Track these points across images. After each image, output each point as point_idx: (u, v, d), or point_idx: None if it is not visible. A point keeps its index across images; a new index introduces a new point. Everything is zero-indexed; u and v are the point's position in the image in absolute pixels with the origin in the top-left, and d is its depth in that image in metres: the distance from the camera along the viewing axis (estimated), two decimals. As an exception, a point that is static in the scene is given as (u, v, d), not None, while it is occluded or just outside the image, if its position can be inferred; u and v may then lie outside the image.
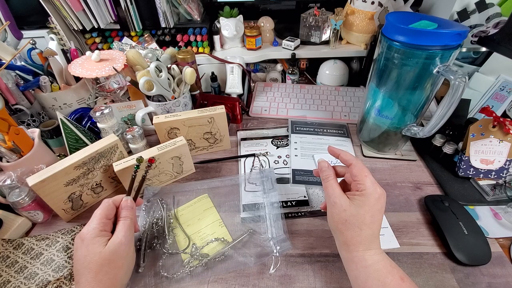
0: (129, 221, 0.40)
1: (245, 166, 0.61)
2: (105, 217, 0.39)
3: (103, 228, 0.38)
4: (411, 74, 0.49)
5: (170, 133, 0.59)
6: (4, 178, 0.47)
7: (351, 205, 0.37)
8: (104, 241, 0.37)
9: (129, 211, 0.42)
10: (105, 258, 0.36)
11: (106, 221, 0.39)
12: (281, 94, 0.81)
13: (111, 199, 0.42)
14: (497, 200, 0.52)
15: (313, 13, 0.78)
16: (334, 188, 0.40)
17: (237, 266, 0.44)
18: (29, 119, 0.61)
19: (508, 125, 0.51)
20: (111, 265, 0.36)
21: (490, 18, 0.64)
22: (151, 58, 0.70)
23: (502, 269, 0.43)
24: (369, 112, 0.59)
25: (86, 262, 0.36)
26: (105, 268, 0.36)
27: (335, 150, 0.43)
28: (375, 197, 0.37)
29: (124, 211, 0.41)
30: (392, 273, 0.35)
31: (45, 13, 0.72)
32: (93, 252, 0.36)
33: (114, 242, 0.37)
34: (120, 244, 0.37)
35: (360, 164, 0.40)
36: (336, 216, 0.38)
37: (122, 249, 0.38)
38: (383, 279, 0.35)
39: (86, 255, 0.36)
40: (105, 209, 0.40)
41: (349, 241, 0.38)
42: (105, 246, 0.37)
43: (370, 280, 0.35)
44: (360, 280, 0.36)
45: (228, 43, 0.86)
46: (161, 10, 0.76)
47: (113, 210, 0.41)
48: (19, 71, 0.63)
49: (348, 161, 0.41)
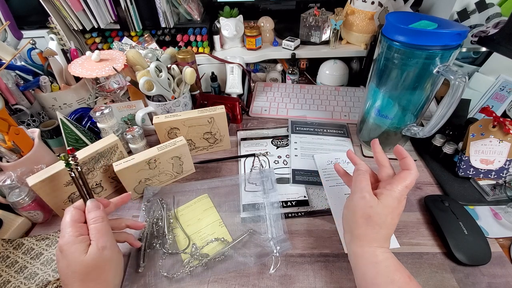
0: (99, 222, 0.37)
1: (245, 166, 0.61)
2: (76, 221, 0.37)
3: (79, 232, 0.36)
4: (411, 74, 0.49)
5: (170, 133, 0.59)
6: (4, 178, 0.47)
7: (379, 204, 0.38)
8: (83, 247, 0.35)
9: (95, 211, 0.38)
10: (88, 266, 0.35)
11: (79, 225, 0.37)
12: (281, 94, 0.81)
13: (71, 205, 0.39)
14: (497, 200, 0.52)
15: (313, 13, 0.78)
16: (368, 182, 0.41)
17: (237, 266, 0.44)
18: (29, 119, 0.61)
19: (508, 125, 0.51)
20: (97, 270, 0.35)
21: (490, 18, 0.64)
22: (151, 58, 0.70)
23: (502, 269, 0.43)
24: (369, 112, 0.59)
25: (70, 272, 0.35)
26: (91, 275, 0.35)
27: (402, 152, 0.43)
28: (399, 200, 0.39)
29: (91, 214, 0.38)
30: (400, 271, 0.36)
31: (45, 13, 0.72)
32: (75, 262, 0.34)
33: (93, 250, 0.35)
34: (101, 249, 0.36)
35: (412, 176, 0.40)
36: (360, 210, 0.39)
37: (105, 253, 0.36)
38: (392, 276, 0.35)
39: (68, 265, 0.35)
40: (71, 214, 0.37)
41: (364, 237, 0.38)
42: (86, 253, 0.35)
43: (380, 276, 0.35)
44: (369, 277, 0.36)
45: (228, 43, 0.86)
46: (161, 10, 0.76)
47: (80, 214, 0.38)
48: (19, 71, 0.63)
49: (408, 166, 0.41)
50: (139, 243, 0.45)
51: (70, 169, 0.41)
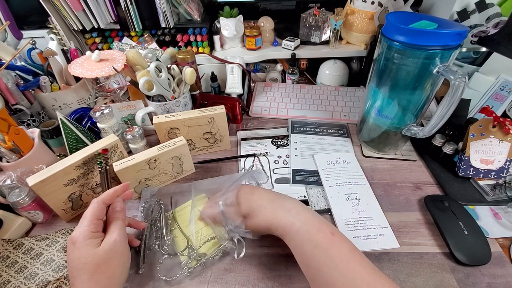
0: (121, 221, 0.40)
1: (245, 166, 0.61)
2: (96, 218, 0.38)
3: (95, 229, 0.37)
4: (411, 74, 0.49)
5: (170, 133, 0.59)
6: (4, 178, 0.47)
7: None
8: (97, 242, 0.36)
9: (121, 212, 0.41)
10: (100, 258, 0.35)
11: (97, 222, 0.38)
12: (281, 94, 0.81)
13: (100, 199, 0.40)
14: (497, 200, 0.52)
15: (313, 13, 0.78)
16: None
17: (235, 264, 0.44)
18: (29, 119, 0.61)
19: (508, 125, 0.51)
20: (107, 264, 0.36)
21: (490, 18, 0.64)
22: (151, 58, 0.70)
23: (502, 269, 0.43)
24: (369, 112, 0.59)
25: (80, 264, 0.35)
26: (101, 268, 0.35)
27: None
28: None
29: (116, 213, 0.41)
30: (322, 230, 0.36)
31: (45, 13, 0.72)
32: (87, 253, 0.35)
33: (108, 241, 0.37)
34: (115, 243, 0.37)
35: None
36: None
37: (117, 247, 0.37)
38: (315, 238, 0.35)
39: (79, 257, 0.35)
40: (96, 210, 0.39)
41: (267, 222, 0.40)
42: (98, 247, 0.36)
43: (305, 245, 0.36)
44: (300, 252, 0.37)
45: (228, 43, 0.86)
46: (161, 10, 0.76)
47: (103, 210, 0.40)
48: (19, 71, 0.63)
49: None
50: (138, 242, 0.46)
51: (100, 167, 0.47)
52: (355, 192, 0.54)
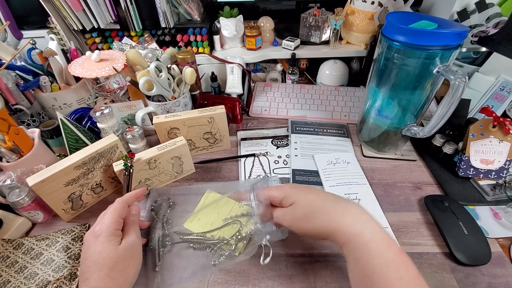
0: (137, 224, 0.42)
1: (245, 166, 0.61)
2: (119, 216, 0.40)
3: (118, 227, 0.39)
4: (411, 74, 0.49)
5: (170, 133, 0.59)
6: (4, 178, 0.47)
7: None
8: (118, 239, 0.38)
9: (136, 216, 0.44)
10: (120, 256, 0.37)
11: (120, 220, 0.40)
12: (281, 94, 0.81)
13: (124, 199, 0.42)
14: (497, 200, 0.52)
15: (313, 13, 0.78)
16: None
17: (235, 264, 0.44)
18: (29, 119, 0.61)
19: (508, 125, 0.51)
20: (125, 263, 0.37)
21: (490, 18, 0.64)
22: (151, 58, 0.70)
23: (502, 269, 0.43)
24: (369, 112, 0.59)
25: (100, 259, 0.36)
26: (119, 266, 0.36)
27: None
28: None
29: (132, 216, 0.43)
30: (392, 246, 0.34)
31: (45, 13, 0.72)
32: (109, 249, 0.36)
33: (128, 241, 0.39)
34: (133, 244, 0.39)
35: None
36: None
37: (135, 248, 0.39)
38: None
39: (100, 252, 0.36)
40: (120, 209, 0.41)
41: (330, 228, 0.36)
42: (119, 244, 0.38)
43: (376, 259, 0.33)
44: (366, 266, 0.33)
45: (228, 43, 0.86)
46: (161, 10, 0.76)
47: (125, 210, 0.42)
48: (19, 71, 0.63)
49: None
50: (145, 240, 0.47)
51: (126, 169, 0.48)
52: (355, 192, 0.54)
